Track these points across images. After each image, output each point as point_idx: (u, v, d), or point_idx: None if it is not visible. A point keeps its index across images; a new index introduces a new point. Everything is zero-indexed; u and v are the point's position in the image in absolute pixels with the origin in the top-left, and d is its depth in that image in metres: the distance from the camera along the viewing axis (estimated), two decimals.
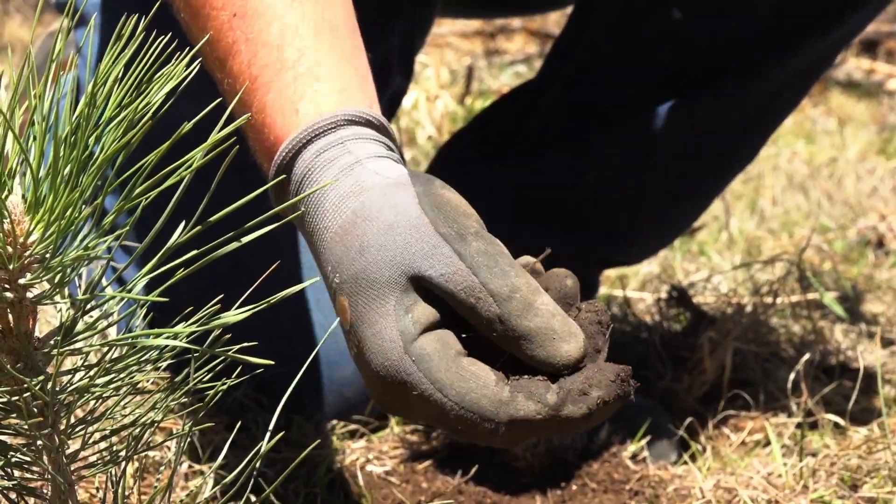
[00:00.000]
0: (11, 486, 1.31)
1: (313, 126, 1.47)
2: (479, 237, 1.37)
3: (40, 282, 1.15)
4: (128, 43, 1.10)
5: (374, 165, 1.44)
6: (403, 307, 1.35)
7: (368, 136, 1.48)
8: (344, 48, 1.55)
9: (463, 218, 1.39)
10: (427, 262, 1.35)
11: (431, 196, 1.40)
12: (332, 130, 1.47)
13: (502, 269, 1.34)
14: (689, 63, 2.28)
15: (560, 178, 2.38)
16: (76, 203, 1.08)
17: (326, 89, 1.50)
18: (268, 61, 1.51)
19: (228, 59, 1.55)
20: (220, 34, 1.55)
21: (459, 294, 1.34)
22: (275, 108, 1.50)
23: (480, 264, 1.34)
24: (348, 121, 1.48)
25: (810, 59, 2.26)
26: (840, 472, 2.07)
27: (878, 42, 6.18)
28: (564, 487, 2.17)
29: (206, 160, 1.12)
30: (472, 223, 1.39)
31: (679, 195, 2.42)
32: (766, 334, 2.67)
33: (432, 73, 4.49)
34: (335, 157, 1.45)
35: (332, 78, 1.52)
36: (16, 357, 1.19)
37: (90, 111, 1.05)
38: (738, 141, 2.37)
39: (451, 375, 1.32)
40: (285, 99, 1.50)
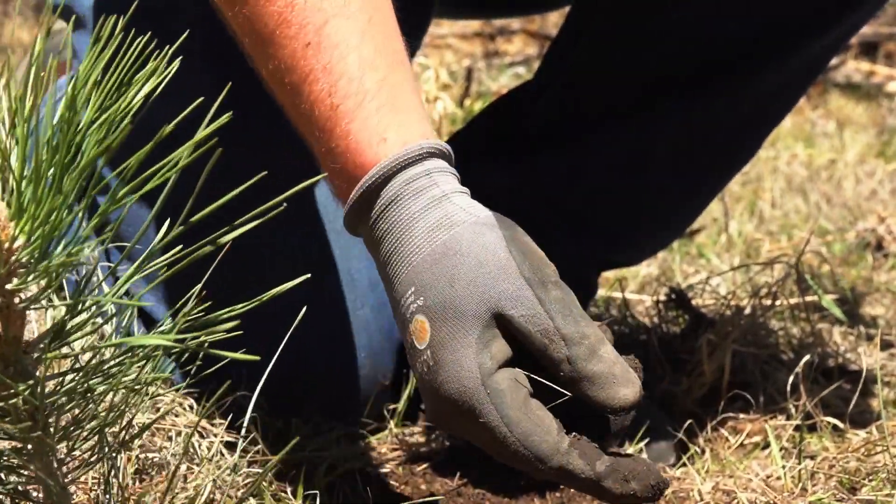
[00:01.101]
0: (4, 490, 1.30)
1: (403, 155, 1.54)
2: (558, 286, 1.49)
3: (28, 286, 1.14)
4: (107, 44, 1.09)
5: (460, 201, 1.54)
6: (484, 341, 1.47)
7: (447, 170, 1.57)
8: (413, 80, 1.64)
9: (544, 266, 1.51)
10: (511, 302, 1.47)
11: (517, 242, 1.52)
12: (418, 161, 1.54)
13: (575, 317, 1.47)
14: (687, 64, 2.27)
15: (558, 178, 2.37)
16: (60, 207, 1.08)
17: (409, 121, 1.57)
18: (349, 91, 1.57)
19: (304, 87, 1.59)
20: (293, 62, 1.60)
21: (536, 335, 1.46)
22: (360, 136, 1.56)
23: (557, 311, 1.47)
24: (430, 153, 1.55)
25: (808, 60, 2.26)
26: (839, 475, 2.06)
27: (878, 44, 6.18)
28: (563, 489, 2.16)
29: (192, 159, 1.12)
30: (551, 272, 1.51)
31: (677, 196, 2.41)
32: (764, 336, 2.66)
33: (431, 74, 4.49)
34: (423, 188, 1.53)
35: (412, 110, 1.59)
36: (5, 362, 1.19)
37: (71, 114, 1.04)
38: (735, 141, 2.37)
39: (520, 415, 1.45)
40: (371, 128, 1.56)
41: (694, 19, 2.23)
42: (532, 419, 1.45)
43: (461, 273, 1.49)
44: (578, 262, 2.42)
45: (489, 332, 1.48)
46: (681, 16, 2.22)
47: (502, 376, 1.47)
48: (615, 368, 1.46)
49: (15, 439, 1.24)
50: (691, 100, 2.28)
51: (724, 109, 2.29)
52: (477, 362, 1.47)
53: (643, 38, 2.28)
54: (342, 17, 1.60)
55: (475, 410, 1.47)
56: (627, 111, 2.32)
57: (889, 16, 6.25)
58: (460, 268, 1.49)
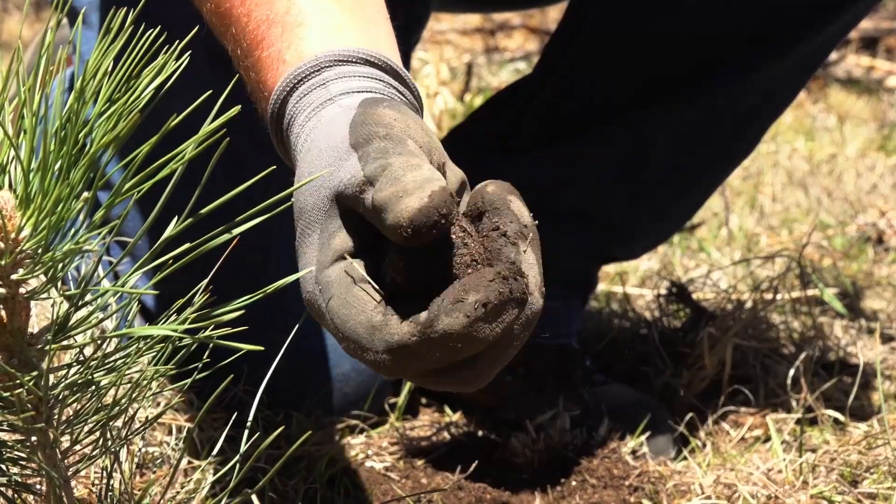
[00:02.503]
0: (7, 482, 1.31)
1: (296, 72, 1.43)
2: (386, 138, 1.27)
3: (33, 277, 1.14)
4: (117, 36, 1.09)
5: (344, 100, 1.39)
6: (326, 235, 1.29)
7: (356, 73, 1.43)
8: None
9: (379, 126, 1.29)
10: (337, 175, 1.28)
11: (362, 114, 1.31)
12: (315, 73, 1.42)
13: (388, 154, 1.24)
14: (686, 60, 2.27)
15: (557, 173, 2.37)
16: (67, 198, 1.08)
17: (311, 34, 1.46)
18: (260, 18, 1.49)
19: (229, 22, 1.53)
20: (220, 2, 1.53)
21: (357, 194, 1.25)
22: (267, 64, 1.47)
23: (370, 158, 1.25)
24: (335, 61, 1.43)
25: (807, 54, 2.26)
26: (840, 468, 2.07)
27: (878, 39, 6.18)
28: (564, 483, 2.17)
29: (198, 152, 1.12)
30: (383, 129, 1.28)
31: (677, 191, 2.42)
32: (765, 330, 2.67)
33: (432, 69, 4.49)
34: (314, 100, 1.41)
35: (318, 22, 1.47)
36: (9, 352, 1.19)
37: (80, 106, 1.05)
38: (735, 136, 2.37)
39: (339, 301, 1.24)
40: (275, 52, 1.46)
41: (693, 14, 2.23)
42: (349, 303, 1.23)
43: (305, 169, 1.33)
44: (578, 256, 2.43)
45: (331, 223, 1.28)
46: (679, 13, 2.22)
47: (333, 268, 1.27)
48: (409, 184, 1.19)
49: (18, 431, 1.24)
50: (691, 94, 2.28)
51: (723, 104, 2.30)
52: (317, 260, 1.29)
53: (642, 33, 2.28)
54: None
55: (316, 311, 1.29)
56: (627, 106, 2.33)
57: (889, 10, 6.25)
58: (303, 164, 1.34)
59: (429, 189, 1.17)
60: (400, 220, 1.17)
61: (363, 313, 1.22)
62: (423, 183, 1.18)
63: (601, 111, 2.35)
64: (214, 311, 1.19)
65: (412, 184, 1.18)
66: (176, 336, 1.15)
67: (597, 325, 2.80)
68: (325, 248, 1.29)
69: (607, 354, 2.66)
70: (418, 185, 1.18)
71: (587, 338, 2.68)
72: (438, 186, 1.18)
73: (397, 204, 1.17)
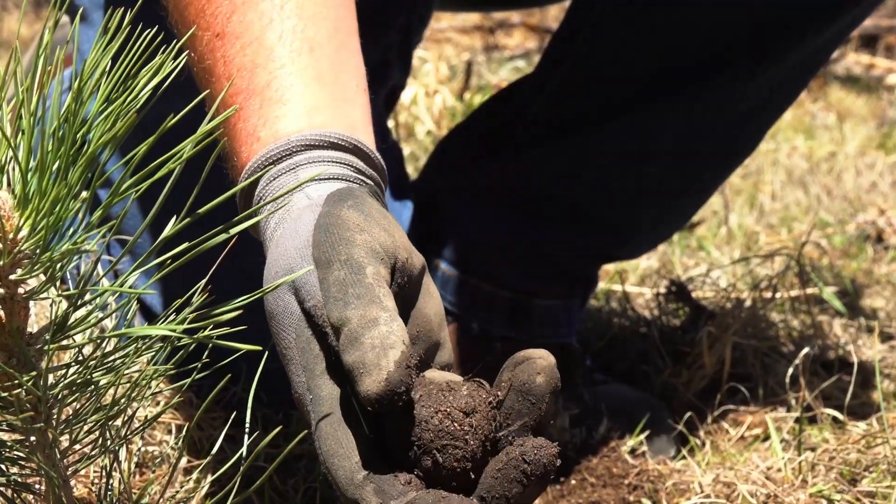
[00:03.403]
0: (6, 481, 1.31)
1: (268, 153, 1.43)
2: (346, 265, 1.30)
3: (31, 277, 1.14)
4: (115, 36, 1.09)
5: (312, 189, 1.40)
6: (304, 338, 1.32)
7: (328, 159, 1.43)
8: (321, 68, 1.50)
9: (341, 243, 1.31)
10: (302, 291, 1.32)
11: (328, 216, 1.34)
12: (286, 157, 1.43)
13: (346, 300, 1.27)
14: (687, 59, 2.27)
15: (558, 172, 2.37)
16: (65, 198, 1.08)
17: (288, 113, 1.46)
18: (240, 86, 1.48)
19: (210, 81, 1.52)
20: (202, 55, 1.52)
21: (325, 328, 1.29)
22: (241, 136, 1.47)
23: (331, 295, 1.28)
24: (306, 146, 1.44)
25: (808, 54, 2.26)
26: (839, 467, 2.07)
27: (878, 37, 6.18)
28: (563, 482, 2.17)
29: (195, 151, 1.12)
30: (346, 249, 1.31)
31: (677, 190, 2.41)
32: (765, 329, 2.67)
33: (431, 68, 4.49)
34: (284, 185, 1.41)
35: (298, 101, 1.47)
36: (8, 352, 1.19)
37: (77, 105, 1.05)
38: (736, 135, 2.37)
39: (328, 430, 1.28)
40: (250, 126, 1.46)
41: (694, 15, 2.22)
42: (339, 440, 1.28)
43: (273, 267, 1.35)
44: (579, 255, 2.42)
45: (306, 330, 1.32)
46: (681, 12, 2.22)
47: (326, 384, 1.30)
48: (367, 355, 1.22)
49: (18, 431, 1.24)
50: (692, 94, 2.28)
51: (725, 104, 2.29)
52: (302, 365, 1.32)
53: (643, 33, 2.28)
54: (251, 4, 1.49)
55: (305, 414, 1.33)
56: (629, 105, 2.32)
57: (889, 8, 6.25)
58: (272, 261, 1.36)
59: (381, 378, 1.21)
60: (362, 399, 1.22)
61: (347, 461, 1.27)
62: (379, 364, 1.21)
63: (603, 110, 2.35)
64: (213, 311, 1.19)
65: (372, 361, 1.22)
66: (175, 336, 1.16)
67: (596, 323, 2.80)
68: (306, 352, 1.31)
69: (607, 353, 2.66)
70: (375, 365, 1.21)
71: (587, 336, 2.68)
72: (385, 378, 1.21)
73: (360, 382, 1.21)
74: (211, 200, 1.17)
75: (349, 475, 1.26)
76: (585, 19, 2.34)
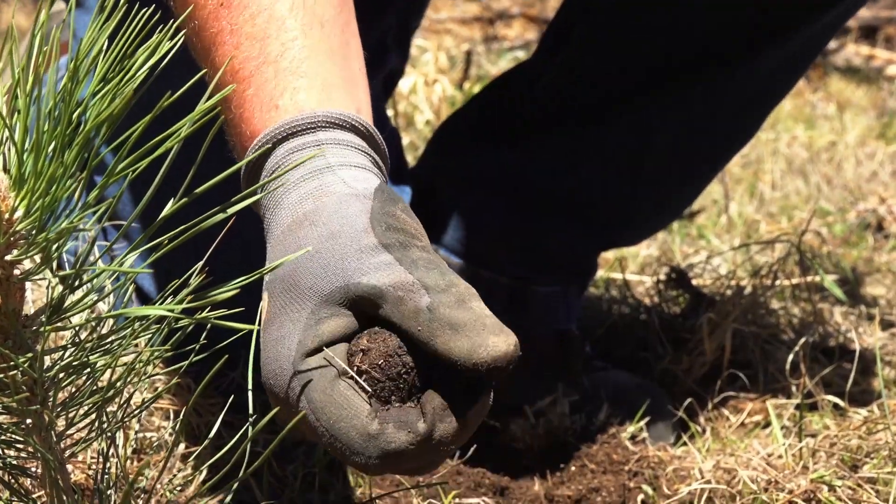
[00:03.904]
0: (2, 465, 1.30)
1: (291, 123, 1.42)
2: (426, 250, 1.31)
3: (27, 258, 1.14)
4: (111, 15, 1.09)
5: (345, 174, 1.39)
6: (316, 317, 1.29)
7: (349, 143, 1.42)
8: (332, 45, 1.49)
9: (411, 237, 1.33)
10: (360, 269, 1.29)
11: (386, 214, 1.34)
12: (310, 131, 1.42)
13: (442, 270, 1.28)
14: (684, 49, 2.26)
15: (555, 161, 2.36)
16: (61, 178, 1.07)
17: (308, 86, 1.45)
18: (250, 54, 1.46)
19: (212, 49, 1.49)
20: (205, 23, 1.49)
21: (389, 290, 1.27)
22: (253, 104, 1.45)
23: (420, 265, 1.28)
24: (330, 123, 1.42)
25: (804, 43, 2.25)
26: (840, 453, 2.06)
27: (878, 28, 6.17)
28: (563, 468, 2.17)
29: (193, 130, 1.11)
30: (419, 241, 1.33)
31: (675, 179, 2.41)
32: (765, 316, 2.66)
33: (431, 57, 4.48)
34: (308, 159, 1.40)
35: (316, 75, 1.46)
36: (4, 334, 1.18)
37: (73, 85, 1.04)
38: (733, 125, 2.36)
39: (325, 399, 1.26)
40: (265, 94, 1.44)
41: (691, 6, 2.22)
42: (338, 402, 1.25)
43: (308, 244, 1.32)
44: (577, 243, 2.42)
45: (327, 308, 1.29)
46: (678, 2, 2.22)
47: (316, 357, 1.28)
48: (486, 319, 1.23)
49: (13, 413, 1.23)
50: (689, 84, 2.27)
51: (722, 93, 2.29)
52: (298, 339, 1.29)
53: (641, 24, 2.27)
54: None
55: (287, 398, 1.29)
56: (627, 93, 2.32)
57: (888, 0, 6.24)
58: (309, 239, 1.32)
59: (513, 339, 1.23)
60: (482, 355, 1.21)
61: (357, 418, 1.24)
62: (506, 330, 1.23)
63: (600, 100, 2.34)
64: (211, 292, 1.18)
65: (493, 324, 1.23)
66: (172, 316, 1.15)
67: (596, 311, 2.80)
68: (310, 329, 1.29)
69: (607, 340, 2.66)
70: (500, 328, 1.23)
71: (587, 324, 2.67)
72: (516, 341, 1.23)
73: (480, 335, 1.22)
74: (207, 179, 1.17)
75: (363, 431, 1.24)
76: (581, 9, 2.33)
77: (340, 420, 1.25)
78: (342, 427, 1.25)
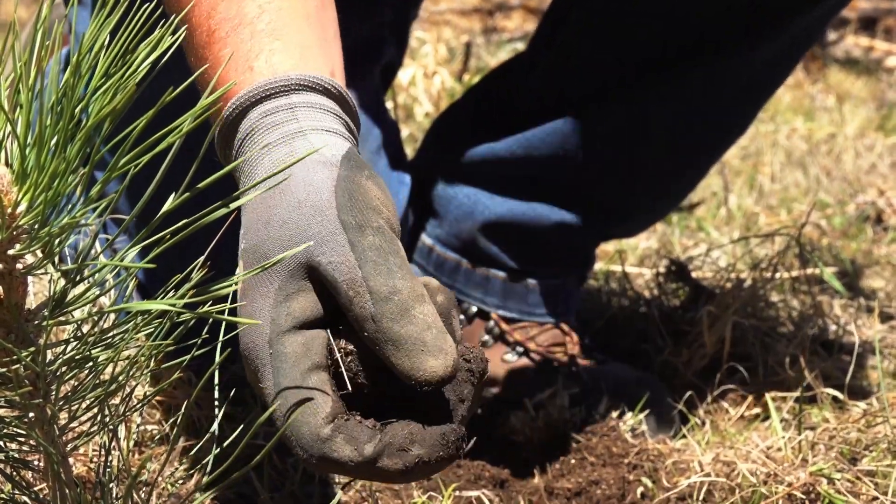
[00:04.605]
0: (5, 458, 1.30)
1: (265, 86, 1.42)
2: (379, 232, 1.31)
3: (29, 252, 1.14)
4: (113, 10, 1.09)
5: (316, 139, 1.39)
6: (285, 293, 1.31)
7: (321, 106, 1.43)
8: (308, 9, 1.50)
9: (370, 211, 1.32)
10: (320, 247, 1.30)
11: (350, 182, 1.34)
12: (283, 94, 1.42)
13: (389, 268, 1.28)
14: (680, 37, 2.26)
15: (552, 152, 2.36)
16: (63, 173, 1.07)
17: (283, 49, 1.45)
18: (227, 15, 1.46)
19: (189, 9, 1.49)
20: None
21: (342, 285, 1.29)
22: (229, 65, 1.45)
23: (368, 258, 1.29)
24: (303, 86, 1.43)
25: (800, 31, 2.25)
26: (839, 446, 2.07)
27: (877, 19, 6.17)
28: (563, 461, 2.17)
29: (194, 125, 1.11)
30: (377, 218, 1.32)
31: (672, 168, 2.41)
32: (765, 309, 2.67)
33: (430, 49, 4.48)
34: (280, 122, 1.40)
35: (292, 38, 1.46)
36: (6, 328, 1.18)
37: (76, 80, 1.04)
38: (730, 114, 2.36)
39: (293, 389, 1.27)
40: (240, 55, 1.45)
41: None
42: (303, 395, 1.27)
43: (277, 213, 1.33)
44: (575, 234, 2.42)
45: (294, 283, 1.31)
46: None
47: (292, 339, 1.29)
48: (426, 334, 1.26)
49: (16, 407, 1.24)
50: (685, 72, 2.27)
51: (719, 81, 2.29)
52: (270, 317, 1.30)
53: (636, 12, 2.27)
54: None
55: (258, 372, 1.31)
56: (622, 83, 2.31)
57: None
58: (278, 208, 1.33)
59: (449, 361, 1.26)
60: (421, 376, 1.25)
61: (313, 417, 1.26)
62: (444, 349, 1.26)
63: (598, 87, 2.34)
64: (212, 287, 1.19)
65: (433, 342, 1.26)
66: (174, 311, 1.15)
67: (596, 303, 2.80)
68: (281, 306, 1.30)
69: (607, 333, 2.66)
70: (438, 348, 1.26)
71: (587, 316, 2.68)
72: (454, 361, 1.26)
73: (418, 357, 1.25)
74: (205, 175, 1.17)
75: (314, 431, 1.26)
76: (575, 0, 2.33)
77: (298, 413, 1.27)
78: (297, 421, 1.26)
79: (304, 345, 1.29)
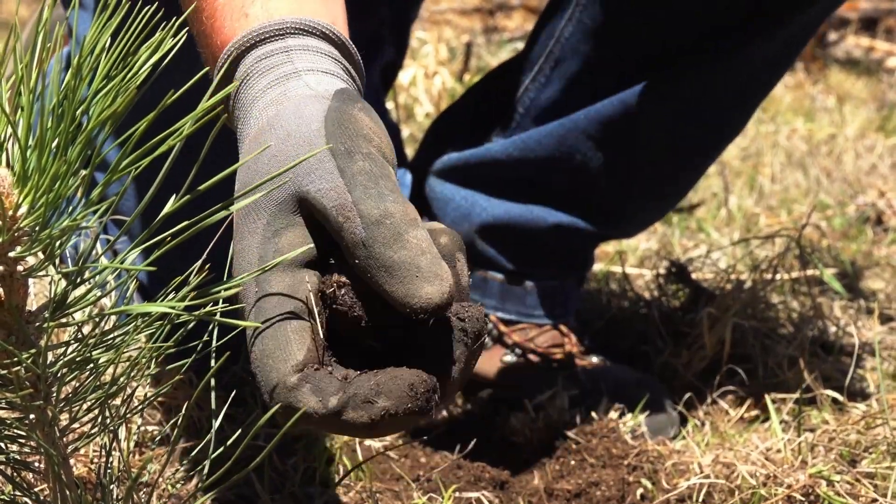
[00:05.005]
0: (6, 459, 1.31)
1: (260, 30, 1.40)
2: (369, 158, 1.27)
3: (30, 254, 1.14)
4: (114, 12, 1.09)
5: (310, 78, 1.37)
6: (273, 228, 1.27)
7: (318, 49, 1.41)
8: None
9: (360, 138, 1.28)
10: (308, 176, 1.26)
11: (340, 112, 1.30)
12: (279, 37, 1.40)
13: (380, 191, 1.24)
14: (676, 37, 2.26)
15: (549, 153, 2.36)
16: (64, 175, 1.07)
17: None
18: None
19: None
20: None
21: (331, 211, 1.24)
22: (224, 13, 1.43)
23: (358, 183, 1.24)
24: (299, 30, 1.40)
25: (796, 30, 2.25)
26: (839, 448, 2.07)
27: (878, 20, 6.17)
28: (563, 462, 2.17)
29: (196, 128, 1.11)
30: (367, 145, 1.28)
31: (669, 169, 2.41)
32: (764, 310, 2.67)
33: (431, 49, 4.48)
34: (275, 65, 1.38)
35: None
36: (7, 330, 1.19)
37: (77, 82, 1.04)
38: (726, 113, 2.36)
39: (269, 330, 1.23)
40: (236, 3, 1.43)
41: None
42: (277, 338, 1.22)
43: (266, 143, 1.30)
44: (573, 236, 2.42)
45: (283, 217, 1.27)
46: None
47: (278, 279, 1.25)
48: (421, 259, 1.21)
49: (17, 408, 1.24)
50: (681, 72, 2.27)
51: (713, 82, 2.29)
52: (258, 254, 1.26)
53: (632, 13, 2.27)
54: None
55: (245, 311, 1.26)
56: (617, 86, 2.31)
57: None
58: (268, 142, 1.30)
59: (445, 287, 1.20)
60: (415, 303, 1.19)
61: (283, 364, 1.22)
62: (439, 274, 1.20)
63: (592, 90, 2.34)
64: (212, 289, 1.19)
65: (427, 267, 1.20)
66: (174, 313, 1.15)
67: (596, 304, 2.80)
68: (269, 242, 1.27)
69: (606, 334, 2.66)
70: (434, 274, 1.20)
71: (587, 317, 2.68)
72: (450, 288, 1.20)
73: (413, 283, 1.20)
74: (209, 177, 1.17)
75: (282, 379, 1.21)
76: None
77: (270, 356, 1.22)
78: (268, 363, 1.22)
79: (290, 286, 1.25)
